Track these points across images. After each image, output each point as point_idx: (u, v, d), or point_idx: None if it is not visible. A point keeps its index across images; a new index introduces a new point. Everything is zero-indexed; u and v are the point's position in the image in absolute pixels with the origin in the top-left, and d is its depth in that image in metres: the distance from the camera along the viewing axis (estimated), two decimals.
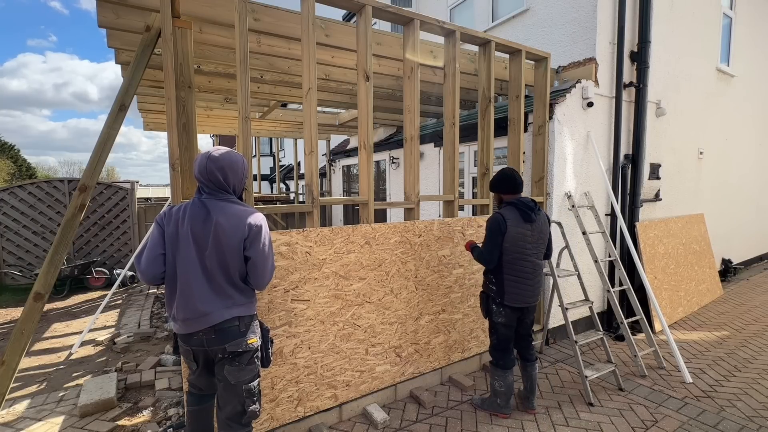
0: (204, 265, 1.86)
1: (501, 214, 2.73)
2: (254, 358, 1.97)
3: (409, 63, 3.19)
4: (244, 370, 1.93)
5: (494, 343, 2.93)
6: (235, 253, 1.87)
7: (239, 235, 1.86)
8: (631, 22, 4.62)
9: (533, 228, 2.75)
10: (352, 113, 7.03)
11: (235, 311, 1.91)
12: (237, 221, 1.87)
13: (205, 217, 1.86)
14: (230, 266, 1.88)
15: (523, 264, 2.74)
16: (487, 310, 2.92)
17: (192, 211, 1.88)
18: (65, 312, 5.92)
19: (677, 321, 4.91)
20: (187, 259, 1.85)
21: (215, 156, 1.92)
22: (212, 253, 1.84)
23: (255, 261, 1.90)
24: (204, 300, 1.85)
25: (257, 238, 1.90)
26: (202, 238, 1.85)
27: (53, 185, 7.53)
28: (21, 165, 26.21)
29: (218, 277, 1.87)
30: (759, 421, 2.89)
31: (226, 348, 1.89)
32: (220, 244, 1.85)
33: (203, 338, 1.88)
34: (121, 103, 2.68)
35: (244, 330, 1.93)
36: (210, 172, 1.91)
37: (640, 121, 4.68)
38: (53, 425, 2.99)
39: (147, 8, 2.60)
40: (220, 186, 1.93)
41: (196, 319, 1.85)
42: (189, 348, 1.94)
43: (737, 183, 7.11)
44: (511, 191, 2.83)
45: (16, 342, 2.47)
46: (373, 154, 3.03)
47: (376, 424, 2.86)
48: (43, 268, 2.52)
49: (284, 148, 17.12)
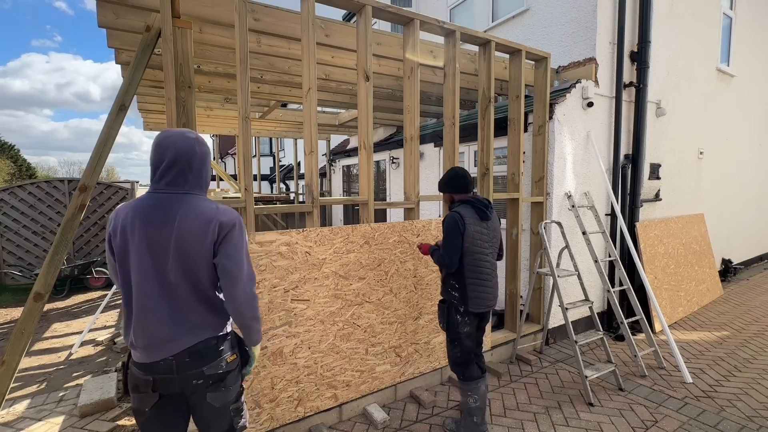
0: (165, 280, 1.50)
1: (458, 212, 2.56)
2: (238, 375, 1.68)
3: (409, 63, 3.19)
4: (230, 391, 1.63)
5: (457, 357, 2.67)
6: (205, 262, 1.53)
7: (209, 239, 1.51)
8: (631, 22, 4.62)
9: (489, 226, 2.63)
10: (352, 113, 7.03)
11: (207, 332, 1.57)
12: (205, 221, 1.51)
13: (163, 219, 1.49)
14: (202, 278, 1.54)
15: (484, 264, 2.58)
16: (448, 322, 2.65)
17: (144, 212, 1.50)
18: (65, 312, 5.92)
19: (677, 321, 4.91)
20: (143, 275, 1.49)
21: (201, 139, 1.61)
22: (176, 264, 1.49)
23: (227, 268, 1.53)
24: (166, 323, 1.50)
25: (229, 240, 1.54)
26: (161, 246, 1.48)
27: (53, 185, 7.53)
28: (21, 165, 26.22)
29: (185, 293, 1.53)
30: (759, 421, 2.90)
31: (204, 372, 1.54)
32: (186, 251, 1.49)
33: (173, 363, 1.51)
34: (121, 103, 2.68)
35: (223, 348, 1.60)
36: (195, 155, 1.56)
37: (640, 121, 4.68)
38: (53, 425, 2.99)
39: (147, 8, 2.60)
40: (197, 176, 1.58)
41: (159, 347, 1.51)
42: (150, 378, 1.53)
43: (737, 183, 7.11)
44: (463, 190, 2.70)
45: (16, 342, 2.47)
46: (373, 154, 3.03)
47: (376, 424, 2.86)
48: (43, 268, 2.52)
49: (284, 148, 17.12)
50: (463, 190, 2.71)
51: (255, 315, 1.64)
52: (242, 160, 2.61)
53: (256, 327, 1.67)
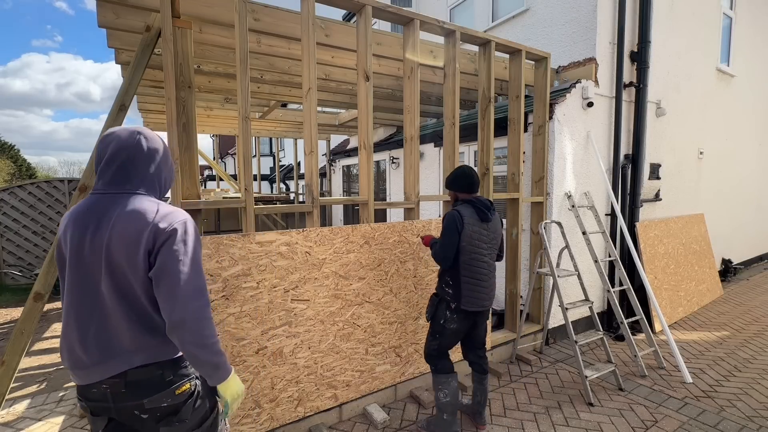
0: (96, 294, 1.28)
1: (458, 210, 2.59)
2: (196, 406, 1.38)
3: (409, 63, 3.19)
4: (185, 424, 1.35)
5: (433, 350, 2.68)
6: (139, 274, 1.27)
7: (143, 247, 1.25)
8: (631, 22, 4.62)
9: (489, 228, 2.63)
10: (352, 113, 7.04)
11: (144, 357, 1.30)
12: (140, 223, 1.26)
13: (96, 225, 1.27)
14: (137, 293, 1.28)
15: (480, 264, 2.60)
16: (435, 315, 2.67)
17: (77, 217, 1.30)
18: None
19: (677, 321, 4.91)
20: (71, 287, 1.30)
21: (148, 133, 1.39)
22: (108, 277, 1.26)
23: (161, 282, 1.25)
24: (92, 344, 1.27)
25: (167, 249, 1.26)
26: (93, 256, 1.27)
27: (53, 185, 7.53)
28: (21, 165, 26.22)
29: (118, 310, 1.28)
30: (759, 421, 2.90)
31: (145, 405, 1.28)
32: (118, 261, 1.25)
33: (107, 392, 1.28)
34: (121, 103, 2.68)
35: (171, 378, 1.32)
36: (140, 150, 1.34)
37: (640, 121, 4.68)
38: (53, 425, 2.99)
39: (147, 8, 2.60)
40: (142, 174, 1.35)
41: (84, 370, 1.28)
42: (84, 404, 1.33)
43: (737, 183, 7.11)
44: (467, 190, 2.70)
45: (16, 342, 2.47)
46: (373, 154, 3.03)
47: (376, 424, 2.86)
48: (43, 268, 2.52)
49: (284, 148, 17.14)
50: (467, 189, 2.71)
51: (201, 341, 1.27)
52: (242, 160, 2.61)
53: (202, 357, 1.29)
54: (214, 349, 1.30)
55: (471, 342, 2.80)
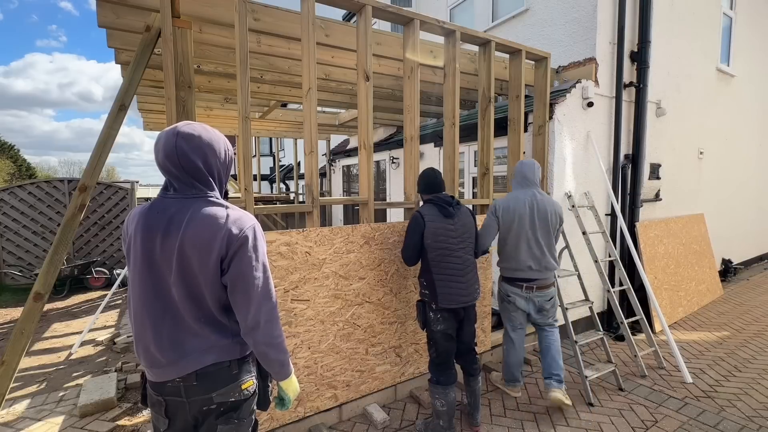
0: (168, 296, 1.32)
1: (419, 211, 2.68)
2: (253, 408, 1.47)
3: (409, 63, 3.19)
4: (243, 425, 1.42)
5: (433, 358, 2.70)
6: (211, 280, 1.32)
7: (215, 254, 1.29)
8: (631, 22, 4.62)
9: (455, 222, 2.67)
10: (352, 113, 7.03)
11: (215, 356, 1.37)
12: (211, 229, 1.29)
13: (166, 228, 1.30)
14: (207, 297, 1.33)
15: (451, 260, 2.62)
16: (424, 321, 2.70)
17: (147, 220, 1.32)
18: (65, 312, 5.92)
19: (677, 321, 4.90)
20: (143, 289, 1.33)
21: (187, 132, 1.32)
22: (178, 280, 1.30)
23: (237, 289, 1.32)
24: (166, 345, 1.33)
25: (241, 256, 1.31)
26: (163, 259, 1.30)
27: (53, 185, 7.53)
28: (21, 165, 26.23)
29: (189, 312, 1.33)
30: (759, 421, 2.90)
31: (213, 398, 1.36)
32: (189, 266, 1.29)
33: (180, 386, 1.35)
34: (121, 103, 2.68)
35: (237, 372, 1.40)
36: (182, 154, 1.30)
37: (640, 121, 4.68)
38: (53, 425, 2.99)
39: (147, 8, 2.60)
40: (196, 177, 1.34)
41: (161, 368, 1.35)
42: (161, 398, 1.39)
43: (737, 183, 7.10)
44: (429, 190, 2.77)
45: (16, 342, 2.47)
46: (373, 154, 3.03)
47: (376, 425, 2.86)
48: (43, 268, 2.52)
49: (284, 148, 17.11)
50: (429, 190, 2.78)
51: (271, 341, 1.38)
52: (242, 160, 2.61)
53: (272, 356, 1.40)
54: (281, 348, 1.42)
55: (459, 343, 2.74)
